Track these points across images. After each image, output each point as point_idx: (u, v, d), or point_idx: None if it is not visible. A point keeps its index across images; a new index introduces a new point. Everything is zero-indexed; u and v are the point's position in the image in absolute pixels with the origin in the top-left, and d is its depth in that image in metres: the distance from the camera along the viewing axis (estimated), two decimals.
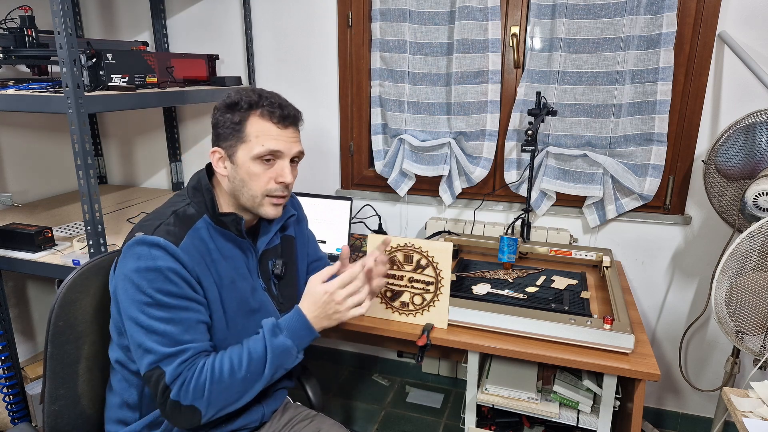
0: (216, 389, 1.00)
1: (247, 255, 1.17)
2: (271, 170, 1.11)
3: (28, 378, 2.03)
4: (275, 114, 1.09)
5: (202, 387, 0.99)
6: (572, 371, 1.48)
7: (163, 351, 0.99)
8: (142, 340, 1.00)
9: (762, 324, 1.36)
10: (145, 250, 1.01)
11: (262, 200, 1.12)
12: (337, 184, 2.33)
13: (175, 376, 0.99)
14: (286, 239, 1.30)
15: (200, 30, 2.34)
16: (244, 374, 1.02)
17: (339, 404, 2.33)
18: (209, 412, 1.01)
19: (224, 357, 1.03)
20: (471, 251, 1.98)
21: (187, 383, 0.99)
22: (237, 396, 1.04)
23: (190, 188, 1.15)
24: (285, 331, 1.06)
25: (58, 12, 1.28)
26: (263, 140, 1.09)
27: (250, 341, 1.06)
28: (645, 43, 1.78)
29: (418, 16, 2.00)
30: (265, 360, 1.04)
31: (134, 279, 1.00)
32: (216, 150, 1.12)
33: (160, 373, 0.99)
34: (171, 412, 1.00)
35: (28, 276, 2.23)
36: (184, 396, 0.98)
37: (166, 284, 1.00)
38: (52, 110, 1.38)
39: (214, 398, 1.00)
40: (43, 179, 2.32)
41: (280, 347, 1.05)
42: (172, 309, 1.01)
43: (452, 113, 2.03)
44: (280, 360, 1.06)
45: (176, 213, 1.09)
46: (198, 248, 1.07)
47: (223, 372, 1.01)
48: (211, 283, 1.08)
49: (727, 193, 1.68)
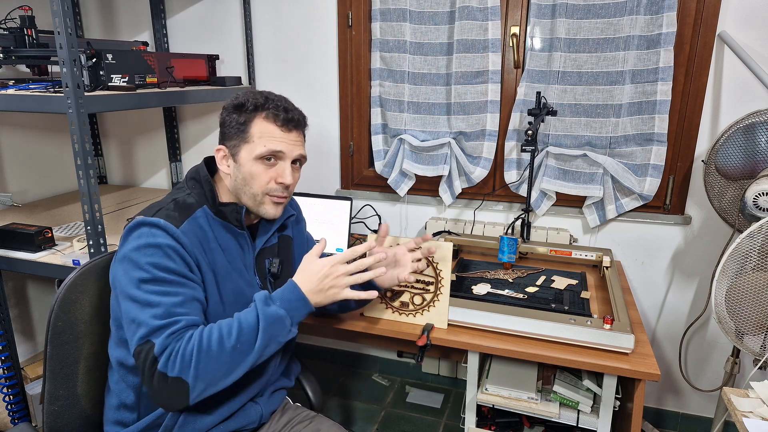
0: (204, 359, 0.95)
1: (244, 250, 1.17)
2: (272, 170, 1.13)
3: (28, 378, 2.03)
4: (279, 117, 1.12)
5: (189, 357, 0.95)
6: (572, 371, 1.48)
7: (154, 323, 0.96)
8: (136, 314, 0.98)
9: (762, 324, 1.36)
10: (145, 229, 1.02)
11: (262, 199, 1.14)
12: (337, 184, 2.33)
13: (163, 347, 0.95)
14: (283, 239, 1.30)
15: (200, 30, 2.34)
16: (234, 343, 0.98)
17: (339, 404, 2.33)
18: (197, 385, 0.96)
19: (213, 327, 0.99)
20: (471, 251, 1.98)
21: (174, 353, 0.95)
22: (227, 368, 0.98)
23: (189, 179, 1.16)
24: (278, 302, 1.04)
25: (58, 12, 1.28)
26: (265, 141, 1.11)
27: (242, 313, 1.03)
28: (645, 43, 1.78)
29: (418, 16, 2.00)
30: (257, 330, 1.00)
31: (133, 257, 1.00)
32: (221, 148, 1.15)
33: (150, 347, 0.96)
34: (158, 386, 0.95)
35: (28, 276, 2.23)
36: (171, 367, 0.94)
37: (165, 260, 1.00)
38: (52, 110, 1.39)
39: (202, 369, 0.95)
40: (43, 179, 2.32)
41: (273, 316, 1.02)
42: (169, 284, 1.00)
43: (452, 113, 2.03)
44: (273, 330, 1.02)
45: (176, 200, 1.10)
46: (197, 234, 1.08)
47: (211, 341, 0.97)
48: (208, 269, 1.08)
49: (727, 193, 1.68)
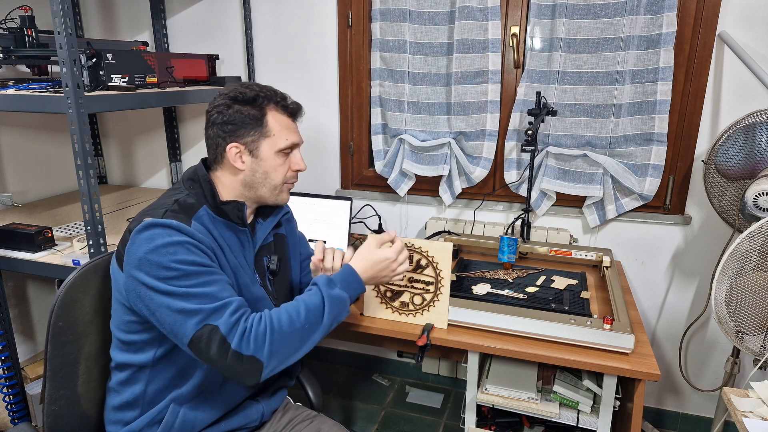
0: (277, 339, 1.00)
1: (245, 247, 1.18)
2: (287, 160, 1.18)
3: (28, 378, 2.03)
4: (288, 108, 1.16)
5: (262, 337, 0.99)
6: (572, 371, 1.48)
7: (208, 307, 0.97)
8: (181, 305, 0.97)
9: (762, 324, 1.36)
10: (158, 230, 1.00)
11: (281, 188, 1.19)
12: (337, 184, 2.33)
13: (230, 325, 0.97)
14: (278, 237, 1.32)
15: (200, 30, 2.34)
16: (303, 323, 1.04)
17: (339, 404, 2.33)
18: (271, 363, 1.00)
19: (281, 310, 1.05)
20: (471, 251, 1.98)
21: (247, 333, 0.98)
22: (297, 346, 1.04)
23: (186, 180, 1.15)
24: (339, 284, 1.12)
25: (58, 12, 1.28)
26: (286, 134, 1.15)
27: (304, 296, 1.10)
28: (645, 43, 1.78)
29: (418, 16, 2.00)
30: (323, 309, 1.07)
31: (152, 259, 0.98)
32: (235, 145, 1.12)
33: (212, 329, 0.97)
34: (233, 365, 0.97)
35: (28, 276, 2.23)
36: (246, 346, 0.97)
37: (189, 254, 1.00)
38: (52, 110, 1.38)
39: (276, 348, 1.00)
40: (43, 179, 2.32)
41: (337, 297, 1.10)
42: (201, 275, 1.00)
43: (452, 113, 2.03)
44: (338, 309, 1.10)
45: (178, 201, 1.09)
46: (205, 233, 1.08)
47: (282, 322, 1.02)
48: (226, 263, 1.10)
49: (727, 193, 1.68)
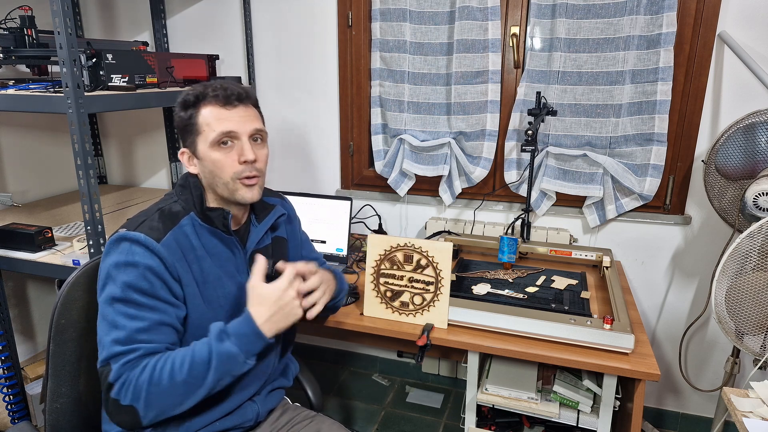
0: (154, 392, 0.98)
1: (235, 253, 1.17)
2: (232, 152, 1.11)
3: (28, 378, 2.03)
4: (219, 97, 1.10)
5: (140, 388, 0.98)
6: (572, 371, 1.48)
7: (115, 349, 1.00)
8: (102, 335, 1.02)
9: (762, 324, 1.36)
10: (126, 245, 1.04)
11: (234, 185, 1.12)
12: (337, 184, 2.33)
13: (118, 374, 0.98)
14: (277, 240, 1.30)
15: (200, 30, 2.34)
16: (185, 378, 0.99)
17: (339, 404, 2.33)
18: (148, 414, 0.99)
19: (168, 359, 1.00)
20: (471, 251, 1.98)
21: (127, 383, 0.98)
22: (178, 400, 1.00)
23: (178, 187, 1.17)
24: (232, 337, 1.02)
25: (58, 12, 1.28)
26: (213, 125, 1.10)
27: (198, 344, 1.03)
28: (645, 43, 1.78)
29: (418, 16, 2.00)
30: (209, 366, 1.00)
31: (111, 273, 1.03)
32: (183, 151, 1.15)
33: (108, 371, 0.99)
34: (113, 411, 1.00)
35: (28, 276, 2.23)
36: (123, 395, 0.98)
37: (140, 281, 1.02)
38: (52, 110, 1.39)
39: (153, 401, 0.98)
40: (43, 179, 2.32)
41: (226, 353, 1.01)
42: (139, 306, 1.02)
43: (452, 113, 2.03)
44: (226, 367, 1.01)
45: (161, 210, 1.11)
46: (180, 244, 1.08)
47: (162, 375, 0.98)
48: (191, 280, 1.09)
49: (727, 193, 1.68)
